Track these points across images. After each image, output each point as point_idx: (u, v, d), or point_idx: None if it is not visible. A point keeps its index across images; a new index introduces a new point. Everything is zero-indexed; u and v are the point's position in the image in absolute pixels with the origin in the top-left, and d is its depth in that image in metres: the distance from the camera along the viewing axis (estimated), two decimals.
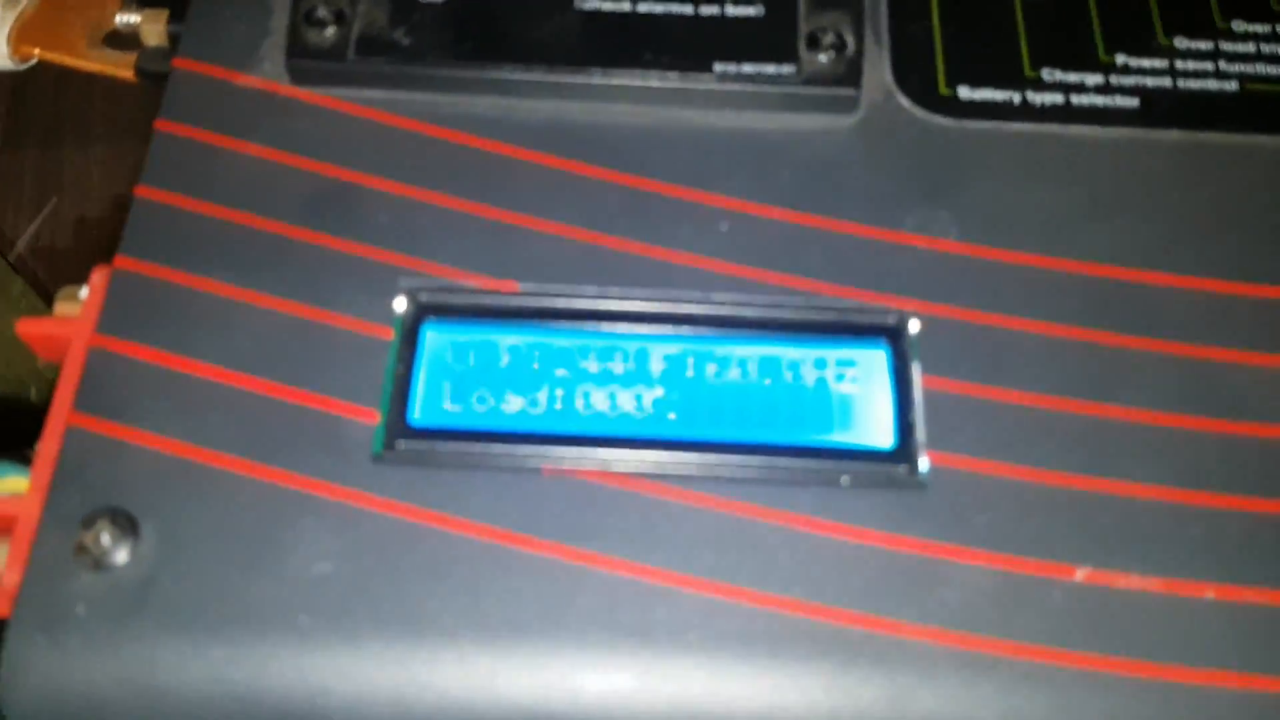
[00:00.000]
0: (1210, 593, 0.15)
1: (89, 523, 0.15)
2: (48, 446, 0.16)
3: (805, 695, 0.14)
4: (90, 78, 0.24)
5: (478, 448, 0.16)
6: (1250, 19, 0.20)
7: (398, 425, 0.16)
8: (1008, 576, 0.15)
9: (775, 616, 0.15)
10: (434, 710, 0.14)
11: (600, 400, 0.16)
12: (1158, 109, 0.19)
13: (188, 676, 0.14)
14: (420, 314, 0.17)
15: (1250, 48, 0.19)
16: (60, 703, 0.14)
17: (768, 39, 0.19)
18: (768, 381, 0.16)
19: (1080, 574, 0.15)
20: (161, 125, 0.18)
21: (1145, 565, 0.15)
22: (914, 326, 0.17)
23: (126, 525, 0.15)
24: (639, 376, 0.16)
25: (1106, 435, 0.16)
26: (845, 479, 0.16)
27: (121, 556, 0.15)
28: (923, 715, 0.14)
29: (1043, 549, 0.15)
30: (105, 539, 0.15)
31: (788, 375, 0.16)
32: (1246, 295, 0.17)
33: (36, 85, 0.51)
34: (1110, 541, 0.15)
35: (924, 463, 0.16)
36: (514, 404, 0.16)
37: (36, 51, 0.24)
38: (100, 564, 0.15)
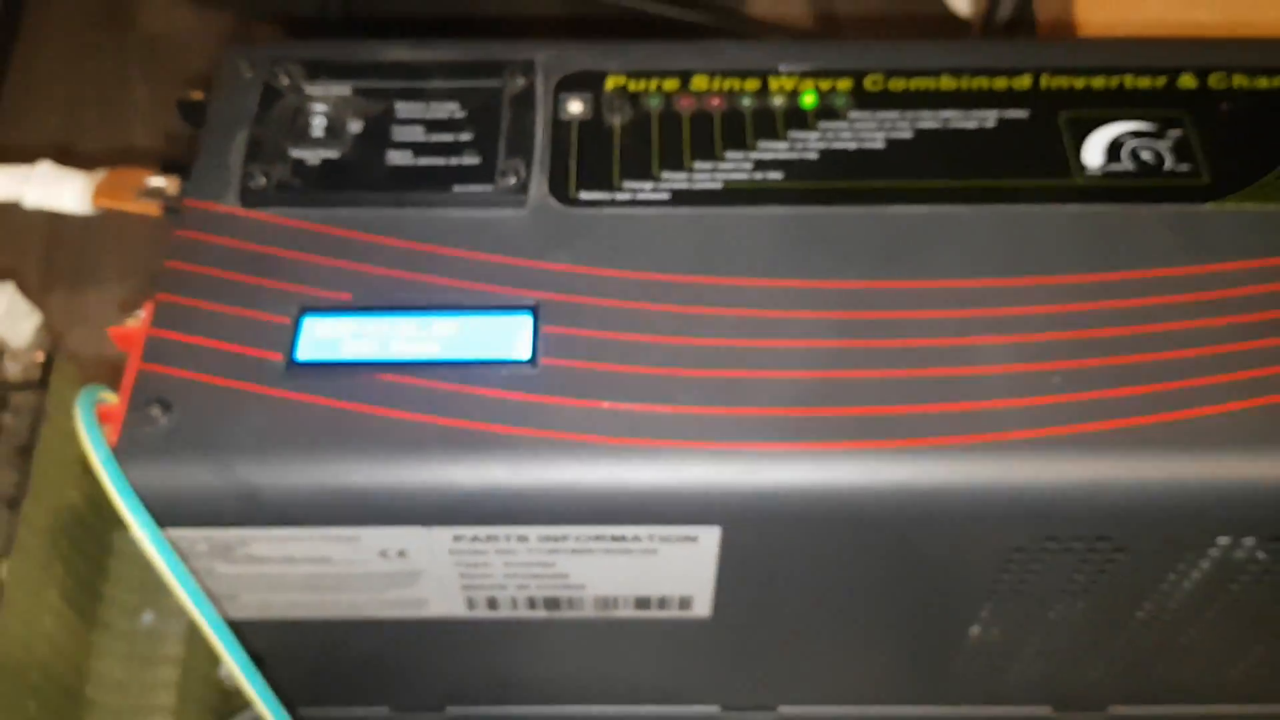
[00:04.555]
0: None
1: (149, 405, 0.32)
2: (128, 375, 0.33)
3: None
4: (105, 239, 0.42)
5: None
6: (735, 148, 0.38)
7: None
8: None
9: None
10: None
11: None
12: (682, 199, 0.37)
13: (201, 474, 0.31)
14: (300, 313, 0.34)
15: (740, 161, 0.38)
16: (156, 479, 0.31)
17: (480, 172, 0.37)
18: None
19: None
20: (178, 232, 0.36)
21: None
22: (536, 307, 0.34)
23: (165, 404, 0.32)
24: None
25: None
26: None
27: (163, 416, 0.32)
28: None
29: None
30: (156, 411, 0.32)
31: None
32: None
33: (62, 241, 0.69)
34: None
35: None
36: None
37: (105, 202, 0.42)
38: (155, 421, 0.32)
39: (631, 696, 0.44)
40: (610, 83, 0.39)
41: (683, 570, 0.34)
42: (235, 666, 0.34)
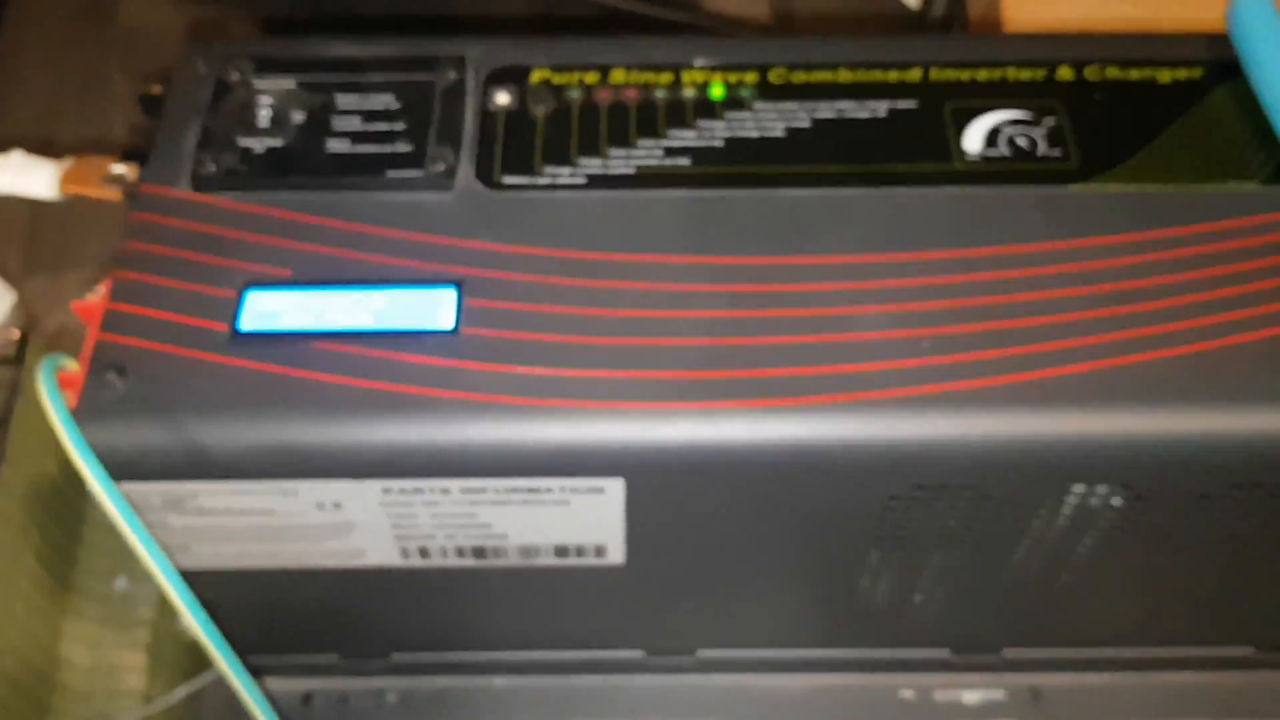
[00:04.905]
0: None
1: (106, 371, 0.36)
2: (88, 345, 0.37)
3: None
4: (85, 227, 0.46)
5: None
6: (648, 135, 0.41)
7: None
8: None
9: None
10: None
11: None
12: (597, 182, 0.40)
13: (153, 433, 0.35)
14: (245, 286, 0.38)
15: (654, 149, 0.41)
16: (112, 438, 0.35)
17: (412, 159, 0.40)
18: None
19: None
20: (134, 216, 0.40)
21: None
22: (460, 282, 0.38)
23: (120, 370, 0.36)
24: None
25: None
26: None
27: (119, 381, 0.35)
28: None
29: None
30: (113, 377, 0.35)
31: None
32: None
33: (43, 229, 0.72)
34: None
35: None
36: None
37: (72, 188, 0.45)
38: (111, 386, 0.35)
39: (562, 642, 0.48)
40: (535, 76, 0.43)
41: (594, 520, 0.38)
42: (185, 610, 0.37)
